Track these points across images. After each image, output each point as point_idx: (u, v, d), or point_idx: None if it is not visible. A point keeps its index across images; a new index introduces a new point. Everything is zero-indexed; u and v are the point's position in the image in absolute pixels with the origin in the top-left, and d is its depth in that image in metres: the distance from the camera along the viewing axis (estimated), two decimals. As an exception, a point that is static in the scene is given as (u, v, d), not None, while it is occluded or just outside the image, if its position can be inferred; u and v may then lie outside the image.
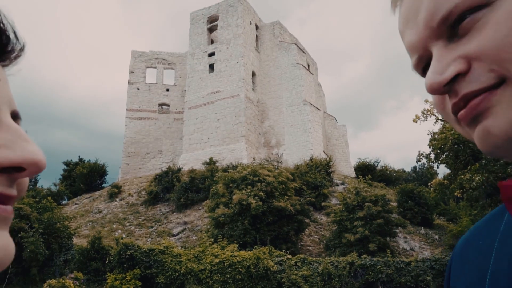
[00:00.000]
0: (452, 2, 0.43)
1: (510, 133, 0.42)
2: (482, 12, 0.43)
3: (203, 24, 41.42)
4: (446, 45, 0.46)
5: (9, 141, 0.35)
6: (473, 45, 0.43)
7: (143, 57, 43.32)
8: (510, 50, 0.41)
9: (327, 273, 13.89)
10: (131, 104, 41.96)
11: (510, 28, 0.41)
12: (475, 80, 0.44)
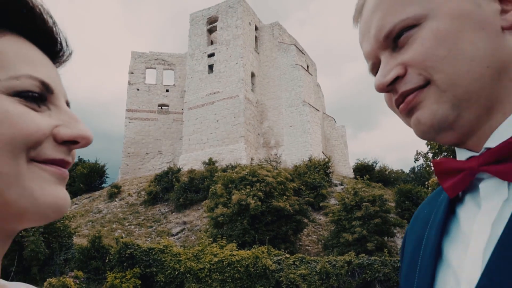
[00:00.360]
0: (392, 23, 0.57)
1: (433, 121, 0.55)
2: (413, 30, 0.56)
3: (202, 25, 41.61)
4: (390, 54, 0.59)
5: (66, 122, 0.47)
6: (408, 55, 0.56)
7: (143, 58, 43.50)
8: (432, 59, 0.54)
9: (325, 272, 14.04)
10: (131, 105, 42.13)
11: (431, 43, 0.54)
12: (409, 81, 0.57)
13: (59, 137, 0.46)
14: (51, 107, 0.47)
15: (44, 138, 0.44)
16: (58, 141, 0.46)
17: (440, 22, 0.54)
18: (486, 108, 0.54)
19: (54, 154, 0.46)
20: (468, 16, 0.54)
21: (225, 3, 40.71)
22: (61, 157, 0.46)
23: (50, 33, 0.49)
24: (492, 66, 0.53)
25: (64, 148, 0.47)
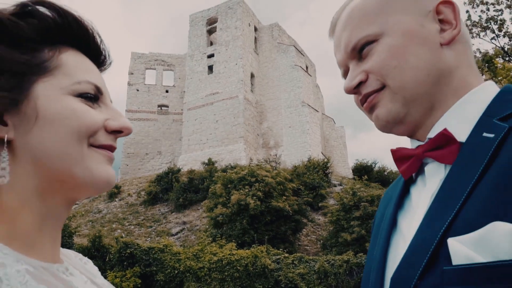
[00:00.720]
0: (357, 38, 0.72)
1: (388, 117, 0.71)
2: (373, 45, 0.71)
3: (202, 26, 41.75)
4: (356, 64, 0.74)
5: (113, 116, 0.61)
6: (368, 64, 0.71)
7: (143, 59, 43.63)
8: (386, 68, 0.69)
9: (323, 271, 14.18)
10: (131, 105, 42.24)
11: (385, 55, 0.69)
12: (369, 85, 0.72)
13: (109, 128, 0.60)
14: (101, 105, 0.61)
15: (99, 128, 0.59)
16: (108, 131, 0.60)
17: (392, 39, 0.69)
18: (428, 107, 0.69)
19: (105, 141, 0.60)
20: (414, 35, 0.69)
21: (225, 4, 40.85)
22: (110, 143, 0.60)
23: (98, 47, 0.64)
24: (432, 74, 0.68)
25: (112, 136, 0.61)
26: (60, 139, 0.55)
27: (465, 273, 0.52)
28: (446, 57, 0.69)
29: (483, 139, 0.60)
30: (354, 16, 0.73)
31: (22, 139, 0.55)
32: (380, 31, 0.70)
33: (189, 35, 42.27)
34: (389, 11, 0.71)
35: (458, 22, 0.70)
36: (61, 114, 0.56)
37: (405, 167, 0.70)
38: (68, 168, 0.56)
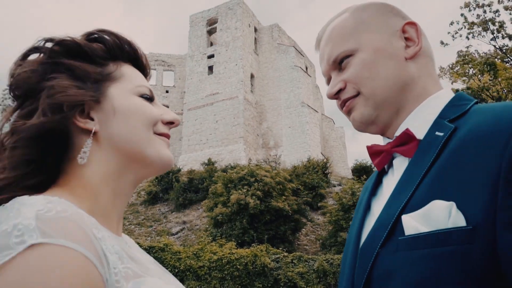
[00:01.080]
0: (337, 53, 0.86)
1: (362, 119, 0.85)
2: (350, 58, 0.85)
3: (202, 27, 41.89)
4: (337, 74, 0.88)
5: (164, 111, 0.78)
6: (346, 75, 0.85)
7: (143, 59, 43.77)
8: (360, 78, 0.83)
9: (322, 270, 14.31)
10: (131, 105, 42.39)
11: (360, 67, 0.83)
12: (347, 92, 0.86)
13: (164, 120, 0.77)
14: (154, 104, 0.78)
15: (158, 120, 0.76)
16: (164, 122, 0.77)
17: (365, 54, 0.84)
18: (395, 111, 0.84)
19: (163, 130, 0.77)
20: (383, 50, 0.84)
21: (225, 5, 40.99)
22: (166, 132, 0.78)
23: (143, 62, 0.83)
24: (398, 84, 0.83)
25: (167, 127, 0.78)
26: (133, 128, 0.72)
27: (413, 240, 0.67)
28: (409, 69, 0.84)
29: (435, 136, 0.75)
30: (335, 34, 0.89)
31: (104, 130, 0.71)
32: (356, 47, 0.85)
33: (189, 35, 42.40)
34: (363, 31, 0.86)
35: (420, 40, 0.85)
36: (132, 109, 0.73)
37: (377, 161, 0.86)
38: (141, 150, 0.73)
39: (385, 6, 0.90)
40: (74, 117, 0.69)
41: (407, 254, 0.67)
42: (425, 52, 0.87)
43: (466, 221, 0.63)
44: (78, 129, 0.70)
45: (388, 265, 0.70)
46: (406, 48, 0.85)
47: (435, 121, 0.78)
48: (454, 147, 0.70)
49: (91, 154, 0.70)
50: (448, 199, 0.65)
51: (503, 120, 0.66)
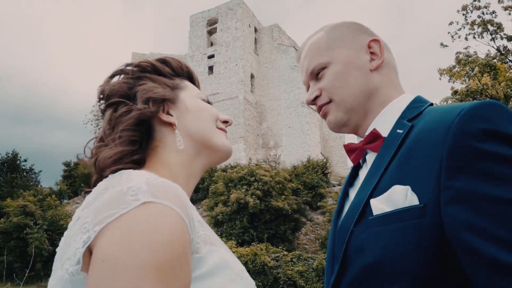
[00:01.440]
0: (313, 65, 1.02)
1: (335, 122, 1.01)
2: (325, 70, 1.01)
3: (202, 27, 42.02)
4: (314, 83, 1.04)
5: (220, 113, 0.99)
6: (321, 84, 1.01)
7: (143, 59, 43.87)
8: (332, 88, 1.00)
9: (322, 268, 14.42)
10: (131, 105, 42.50)
11: (332, 78, 0.99)
12: (322, 99, 1.02)
13: (221, 118, 0.99)
14: None
15: (218, 118, 0.97)
16: (221, 120, 0.98)
17: (337, 67, 1.00)
18: (363, 114, 1.01)
19: (221, 126, 0.98)
20: (352, 63, 1.00)
21: (225, 5, 41.12)
22: (224, 128, 0.99)
23: (196, 80, 1.06)
24: (365, 92, 0.99)
25: (223, 124, 0.99)
26: (202, 121, 0.93)
27: (379, 219, 0.82)
28: (374, 79, 1.00)
29: (396, 134, 0.91)
30: (312, 50, 1.06)
31: (180, 123, 0.90)
32: (329, 61, 1.02)
33: (190, 35, 42.54)
34: (336, 47, 1.03)
35: (383, 54, 1.01)
36: (200, 108, 0.95)
37: (353, 157, 1.02)
38: (210, 138, 0.93)
39: (354, 25, 1.07)
40: (159, 112, 0.89)
41: (375, 230, 0.83)
42: (388, 64, 1.04)
43: (418, 201, 0.77)
44: (159, 124, 0.90)
45: (361, 239, 0.86)
46: (371, 61, 1.01)
47: (397, 121, 0.94)
48: (410, 142, 0.86)
49: (171, 142, 0.89)
50: (405, 184, 0.80)
51: (445, 118, 0.80)
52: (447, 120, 0.79)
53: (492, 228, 0.69)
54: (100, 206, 0.69)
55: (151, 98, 0.88)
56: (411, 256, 0.77)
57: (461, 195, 0.73)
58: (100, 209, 0.68)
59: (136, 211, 0.66)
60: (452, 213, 0.73)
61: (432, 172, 0.77)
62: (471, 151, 0.74)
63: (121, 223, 0.65)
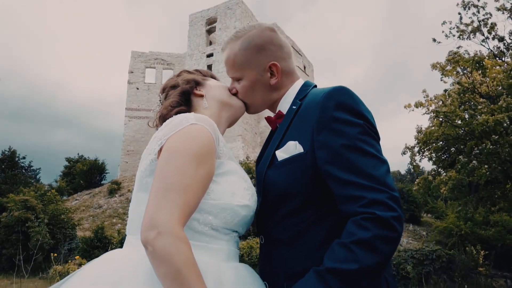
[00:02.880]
0: (230, 75, 1.49)
1: (250, 114, 1.56)
2: (240, 80, 1.46)
3: (201, 26, 42.32)
4: (233, 81, 1.50)
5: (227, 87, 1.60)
6: (237, 87, 1.47)
7: (143, 58, 44.13)
8: (243, 96, 1.48)
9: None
10: (131, 104, 42.75)
11: (243, 90, 1.46)
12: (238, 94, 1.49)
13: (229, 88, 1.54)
14: None
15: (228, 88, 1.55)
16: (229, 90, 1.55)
17: (246, 82, 1.42)
18: (271, 105, 1.48)
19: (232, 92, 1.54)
20: (257, 81, 1.41)
21: (224, 4, 41.43)
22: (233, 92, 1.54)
23: (217, 78, 1.64)
24: (268, 101, 1.45)
25: None
26: (222, 91, 1.48)
27: (281, 162, 1.26)
28: (274, 92, 1.45)
29: (292, 109, 1.36)
30: (228, 63, 1.48)
31: (208, 94, 1.47)
32: (241, 76, 1.45)
33: (189, 34, 42.83)
34: (245, 67, 1.42)
35: (279, 74, 1.41)
36: (219, 84, 1.53)
37: (271, 125, 1.47)
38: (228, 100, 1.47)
39: (261, 46, 1.41)
40: (194, 89, 1.46)
41: (279, 170, 1.27)
42: (287, 72, 1.45)
43: (303, 149, 1.22)
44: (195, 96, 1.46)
45: (271, 177, 1.30)
46: (271, 78, 1.41)
47: (292, 101, 1.39)
48: (299, 113, 1.30)
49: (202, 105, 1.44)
50: (295, 140, 1.25)
51: (316, 98, 1.26)
52: (317, 99, 1.24)
53: (338, 161, 1.14)
54: (167, 127, 1.19)
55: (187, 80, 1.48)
56: (301, 183, 1.22)
57: (323, 144, 1.17)
58: (168, 128, 1.19)
59: (187, 127, 1.17)
60: (319, 155, 1.18)
61: (309, 132, 1.21)
62: (329, 118, 1.18)
63: (179, 133, 1.15)
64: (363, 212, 1.06)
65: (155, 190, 1.07)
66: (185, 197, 1.06)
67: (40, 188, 29.46)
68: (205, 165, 1.14)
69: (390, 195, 1.07)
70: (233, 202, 1.21)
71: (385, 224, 1.03)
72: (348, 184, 1.10)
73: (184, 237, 1.01)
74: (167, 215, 1.02)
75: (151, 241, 0.99)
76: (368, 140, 1.15)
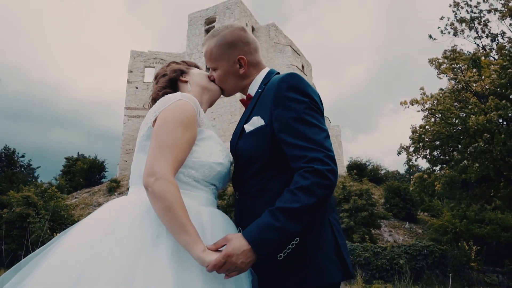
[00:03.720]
0: (208, 65, 1.85)
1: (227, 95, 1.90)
2: (215, 70, 1.83)
3: (200, 26, 42.59)
4: (211, 70, 1.86)
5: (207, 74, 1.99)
6: (214, 75, 1.83)
7: (142, 57, 44.35)
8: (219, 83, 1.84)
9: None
10: (130, 103, 42.96)
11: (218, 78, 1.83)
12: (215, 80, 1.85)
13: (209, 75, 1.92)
14: None
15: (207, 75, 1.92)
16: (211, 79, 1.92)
17: (220, 72, 1.78)
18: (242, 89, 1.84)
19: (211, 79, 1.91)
20: (229, 71, 1.77)
21: (223, 4, 41.70)
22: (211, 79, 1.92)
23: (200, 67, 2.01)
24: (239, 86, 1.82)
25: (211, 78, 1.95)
26: (202, 78, 1.83)
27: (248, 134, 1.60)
28: (243, 79, 1.79)
29: (258, 92, 1.70)
30: (206, 56, 1.81)
31: (191, 80, 1.82)
32: (216, 67, 1.77)
33: (188, 34, 43.10)
34: (219, 59, 1.75)
35: (245, 66, 1.75)
36: (200, 72, 1.87)
37: (244, 106, 1.79)
38: (207, 84, 1.81)
39: (231, 43, 1.76)
40: (180, 76, 1.80)
41: (247, 139, 1.60)
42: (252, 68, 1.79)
43: (264, 122, 1.55)
44: (181, 82, 1.80)
45: (241, 146, 1.63)
46: (240, 69, 1.76)
47: (259, 85, 1.73)
48: (262, 95, 1.65)
49: (187, 89, 1.76)
50: (258, 115, 1.58)
51: (275, 81, 1.60)
52: (275, 82, 1.59)
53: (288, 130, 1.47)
54: (160, 103, 1.56)
55: (174, 69, 1.83)
56: (263, 149, 1.56)
57: (277, 117, 1.51)
58: (160, 104, 1.55)
59: (175, 102, 1.52)
60: (275, 126, 1.51)
61: (268, 108, 1.56)
62: (282, 97, 1.52)
63: (169, 107, 1.51)
64: (305, 166, 1.39)
65: (153, 148, 1.43)
66: (176, 153, 1.42)
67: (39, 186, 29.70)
68: (190, 130, 1.50)
69: (326, 154, 1.40)
70: (210, 160, 1.57)
71: (320, 175, 1.36)
72: (295, 147, 1.43)
73: (175, 182, 1.37)
74: (162, 165, 1.38)
75: (151, 184, 1.36)
76: (312, 114, 1.48)
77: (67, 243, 1.37)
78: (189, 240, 1.31)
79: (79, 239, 1.36)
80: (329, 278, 1.44)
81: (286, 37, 45.44)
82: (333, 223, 1.55)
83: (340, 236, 1.55)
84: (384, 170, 40.86)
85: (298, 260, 1.44)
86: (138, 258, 1.27)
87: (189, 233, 1.31)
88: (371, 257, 14.53)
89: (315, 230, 1.48)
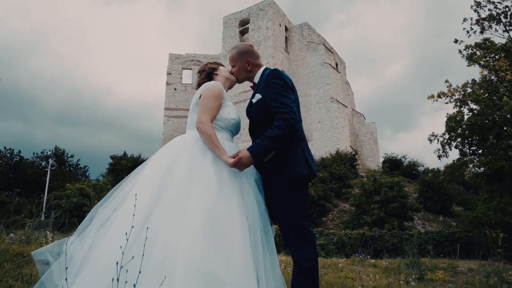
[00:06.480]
0: (230, 64, 3.07)
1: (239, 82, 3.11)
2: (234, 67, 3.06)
3: (235, 27, 43.92)
4: (232, 68, 3.12)
5: None
6: (233, 70, 3.09)
7: (180, 59, 46.26)
8: (236, 73, 3.06)
9: (341, 242, 15.95)
10: (169, 104, 44.96)
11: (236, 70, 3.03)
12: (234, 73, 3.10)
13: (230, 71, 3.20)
14: None
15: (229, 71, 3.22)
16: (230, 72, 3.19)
17: (237, 68, 2.99)
18: (250, 78, 3.04)
19: None
20: (242, 67, 2.96)
21: (256, 6, 42.83)
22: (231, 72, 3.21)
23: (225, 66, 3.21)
24: (247, 77, 3.03)
25: None
26: (225, 73, 3.02)
27: (254, 104, 2.77)
28: (250, 73, 2.96)
29: (260, 80, 2.87)
30: (230, 59, 2.98)
31: (220, 74, 3.00)
32: (234, 65, 2.95)
33: (223, 36, 44.57)
34: (237, 60, 2.93)
35: (251, 65, 2.93)
36: (226, 70, 3.04)
37: (252, 89, 2.94)
38: (229, 77, 3.00)
39: (244, 52, 2.90)
40: (213, 72, 2.97)
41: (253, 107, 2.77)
42: (256, 64, 2.93)
43: (261, 97, 2.70)
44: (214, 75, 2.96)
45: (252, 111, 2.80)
46: (248, 67, 2.90)
47: (259, 77, 2.86)
48: (261, 82, 2.78)
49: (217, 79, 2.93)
50: (259, 93, 2.72)
51: (265, 72, 2.83)
52: (266, 74, 2.73)
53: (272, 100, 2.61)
54: (203, 87, 2.77)
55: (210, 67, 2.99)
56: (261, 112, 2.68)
57: (267, 93, 2.65)
58: (203, 87, 2.77)
59: (212, 86, 2.73)
60: (266, 98, 2.64)
61: (263, 89, 2.68)
62: (270, 82, 2.66)
63: (208, 89, 2.72)
64: (279, 116, 2.51)
65: (200, 109, 2.64)
66: (211, 112, 2.62)
67: (89, 182, 32.08)
68: (218, 101, 2.69)
69: (290, 110, 2.52)
70: (228, 117, 2.75)
71: (286, 120, 2.49)
72: (276, 108, 2.55)
73: (212, 126, 2.59)
74: (205, 118, 2.58)
75: (200, 127, 2.56)
76: (285, 90, 2.60)
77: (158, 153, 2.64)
78: (220, 153, 2.46)
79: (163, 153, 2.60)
80: (300, 172, 2.56)
81: (320, 36, 45.99)
82: (303, 147, 2.66)
83: (308, 154, 2.65)
84: (420, 166, 40.41)
85: (279, 163, 2.56)
86: (195, 160, 2.46)
87: (220, 149, 2.47)
88: (398, 242, 15.15)
89: (292, 150, 2.59)
